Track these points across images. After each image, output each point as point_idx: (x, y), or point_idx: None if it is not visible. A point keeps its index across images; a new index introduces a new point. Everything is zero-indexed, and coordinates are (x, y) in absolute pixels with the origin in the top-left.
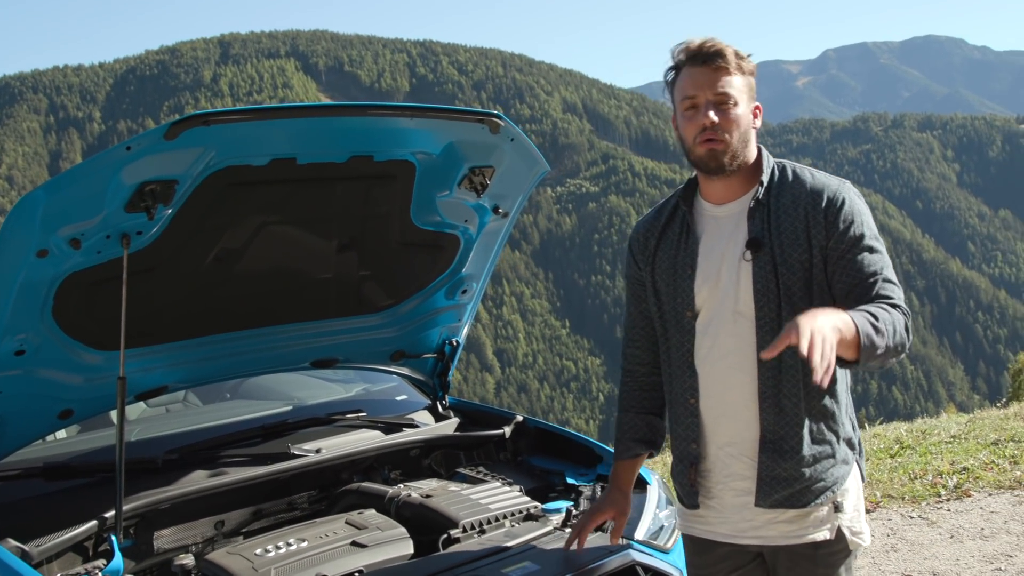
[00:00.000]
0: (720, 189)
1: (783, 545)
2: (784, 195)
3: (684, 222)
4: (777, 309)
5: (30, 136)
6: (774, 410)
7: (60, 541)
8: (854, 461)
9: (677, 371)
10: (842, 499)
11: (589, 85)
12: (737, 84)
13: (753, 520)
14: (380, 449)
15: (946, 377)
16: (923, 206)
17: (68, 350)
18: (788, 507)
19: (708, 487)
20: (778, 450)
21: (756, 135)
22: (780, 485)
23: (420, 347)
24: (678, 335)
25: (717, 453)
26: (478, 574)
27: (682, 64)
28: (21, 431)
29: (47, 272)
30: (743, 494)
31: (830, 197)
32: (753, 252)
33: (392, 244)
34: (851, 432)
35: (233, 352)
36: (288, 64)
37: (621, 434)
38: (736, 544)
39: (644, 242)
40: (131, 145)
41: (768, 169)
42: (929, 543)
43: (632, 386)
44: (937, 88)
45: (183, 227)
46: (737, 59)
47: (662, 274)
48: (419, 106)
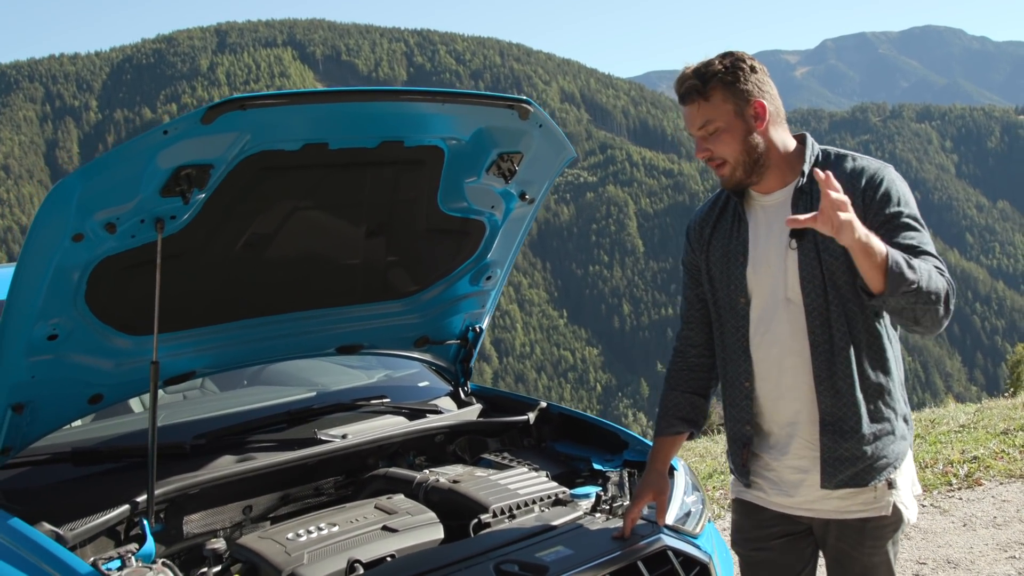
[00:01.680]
0: (766, 179)
1: (841, 519)
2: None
3: (736, 211)
4: (824, 295)
5: (26, 125)
6: (830, 392)
7: (94, 525)
8: (910, 437)
9: (732, 355)
10: (896, 475)
11: (587, 74)
12: (717, 107)
13: (809, 495)
14: (406, 435)
15: (943, 368)
16: (921, 197)
17: (100, 335)
18: (853, 486)
19: (766, 460)
20: (839, 431)
21: (779, 127)
22: (844, 465)
23: (444, 333)
24: (732, 320)
25: (774, 431)
26: (511, 558)
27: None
28: (52, 416)
29: (82, 256)
30: (799, 472)
31: (868, 178)
32: (798, 240)
33: (419, 230)
34: (906, 409)
35: (260, 337)
36: (285, 53)
37: (664, 411)
38: (789, 514)
39: (700, 230)
40: (168, 129)
41: (811, 157)
42: (942, 531)
43: (680, 365)
44: (936, 78)
45: (215, 212)
46: (710, 82)
47: (716, 261)
48: (450, 92)
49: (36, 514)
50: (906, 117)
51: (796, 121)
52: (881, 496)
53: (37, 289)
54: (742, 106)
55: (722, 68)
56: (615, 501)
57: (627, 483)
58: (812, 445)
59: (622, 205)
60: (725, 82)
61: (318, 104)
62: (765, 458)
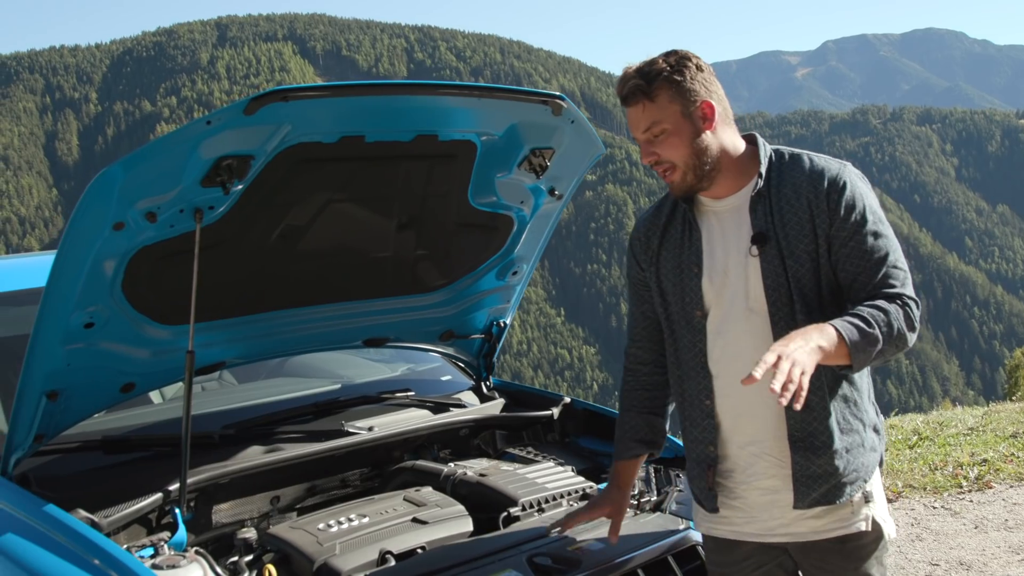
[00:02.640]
0: (717, 184)
1: (815, 541)
2: (784, 184)
3: (685, 219)
4: (790, 303)
5: (26, 116)
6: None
7: (127, 513)
8: (880, 448)
9: (689, 372)
10: (872, 488)
11: (587, 72)
12: (663, 108)
13: (782, 518)
14: (431, 428)
15: (941, 372)
16: (921, 200)
17: (135, 324)
18: (826, 503)
19: (730, 488)
20: (810, 447)
21: (728, 129)
22: (817, 483)
23: (469, 327)
24: (688, 335)
25: (739, 453)
26: (544, 551)
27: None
28: (85, 403)
29: (121, 245)
30: (769, 492)
31: (831, 180)
32: (759, 246)
33: (449, 224)
34: (875, 418)
35: (290, 329)
36: (285, 48)
37: (622, 434)
38: (763, 543)
39: (646, 242)
40: (211, 119)
41: (765, 158)
42: (954, 533)
43: (633, 385)
44: (937, 81)
45: (252, 203)
46: (655, 81)
47: (667, 274)
48: (486, 86)
49: (70, 501)
50: (907, 120)
51: (796, 122)
52: (858, 511)
53: (76, 277)
54: (689, 107)
55: (667, 67)
56: (642, 496)
57: (653, 478)
58: (782, 463)
59: (621, 204)
60: (671, 81)
61: (357, 97)
62: (730, 484)
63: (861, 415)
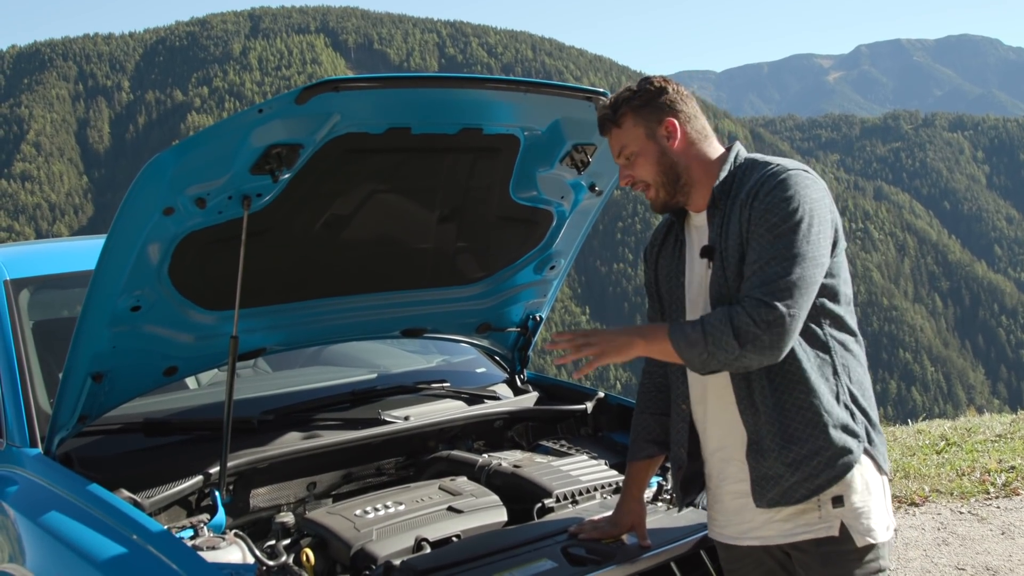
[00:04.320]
0: (697, 198)
1: (792, 543)
2: (741, 193)
3: (676, 232)
4: None
5: (59, 103)
6: (751, 411)
7: (169, 494)
8: (861, 451)
9: (674, 376)
10: (844, 492)
11: (619, 72)
12: (628, 132)
13: (752, 521)
14: (467, 419)
15: (966, 380)
16: (951, 207)
17: (180, 308)
18: (783, 504)
19: (710, 489)
20: (759, 450)
21: (703, 144)
22: (769, 484)
23: (505, 320)
24: None
25: (710, 458)
26: (580, 542)
27: None
28: (129, 385)
29: (170, 230)
30: (740, 496)
31: (759, 186)
32: (708, 259)
33: (490, 217)
34: (849, 420)
35: (331, 317)
36: (317, 40)
37: (636, 435)
38: (741, 546)
39: (651, 251)
40: (263, 108)
41: (726, 169)
42: (981, 538)
43: (648, 387)
44: (970, 88)
45: (298, 192)
46: (619, 108)
47: (663, 282)
48: (531, 81)
49: (112, 481)
50: (938, 126)
51: (827, 126)
52: (826, 516)
53: (125, 261)
54: (653, 127)
55: (628, 93)
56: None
57: None
58: (744, 467)
59: (648, 204)
60: (633, 106)
61: (406, 89)
62: (710, 484)
63: (821, 419)
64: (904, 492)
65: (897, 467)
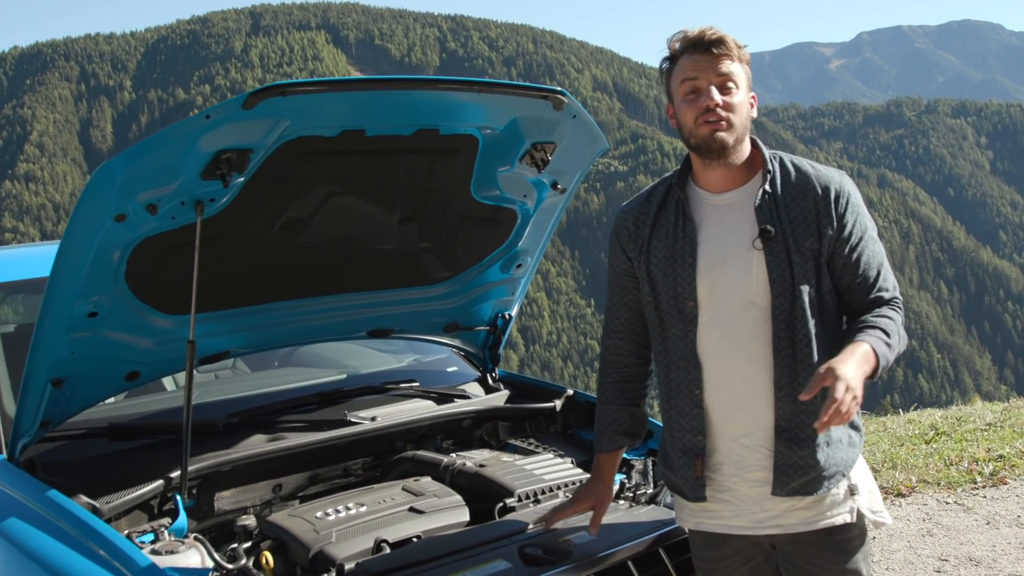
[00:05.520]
0: (719, 177)
1: (801, 533)
2: (790, 185)
3: (679, 210)
4: (791, 297)
5: (61, 103)
6: (789, 399)
7: (128, 499)
8: (859, 445)
9: (679, 362)
10: (856, 481)
11: (620, 63)
12: (738, 70)
13: (771, 510)
14: (434, 419)
15: (973, 367)
16: (955, 193)
17: (138, 313)
18: (803, 494)
19: (719, 481)
20: (794, 439)
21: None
22: (796, 473)
23: (473, 319)
24: (679, 325)
25: (731, 445)
26: (535, 542)
27: (680, 53)
28: (90, 391)
29: (123, 236)
30: (760, 484)
31: (838, 191)
32: (765, 241)
33: (452, 217)
34: (856, 417)
35: (294, 319)
36: (319, 36)
37: (604, 427)
38: (753, 536)
39: (635, 230)
40: (211, 114)
41: (771, 159)
42: (965, 529)
43: (614, 377)
44: (973, 74)
45: (253, 196)
46: (737, 47)
47: (658, 264)
48: (486, 81)
49: (73, 486)
50: (941, 112)
51: (829, 114)
52: (843, 503)
53: (79, 267)
54: (750, 88)
55: (745, 51)
56: (639, 489)
57: (651, 471)
58: (770, 455)
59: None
60: (746, 61)
61: (357, 92)
62: (719, 477)
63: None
64: (891, 483)
65: (885, 458)
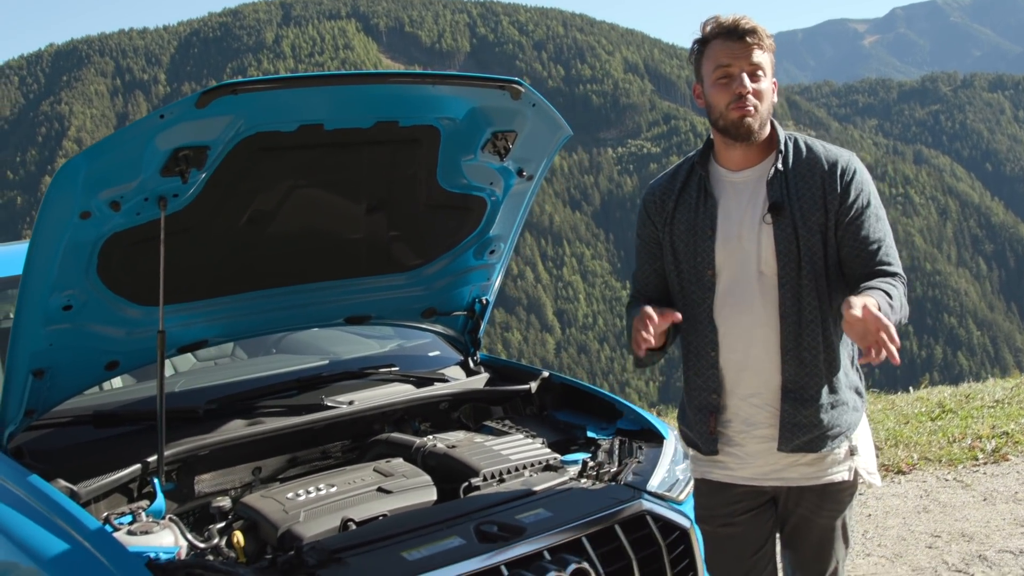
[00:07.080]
0: (739, 156)
1: (802, 487)
2: (800, 164)
3: (701, 186)
4: (797, 268)
5: (97, 99)
6: (795, 362)
7: (107, 483)
8: (862, 409)
9: (696, 325)
10: (856, 443)
11: (651, 45)
12: (766, 60)
13: (775, 464)
14: (410, 402)
15: (1014, 343)
16: (993, 168)
17: (112, 305)
18: (807, 451)
19: (729, 436)
20: (799, 399)
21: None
22: (800, 431)
23: (451, 305)
24: (699, 292)
25: (740, 404)
26: (493, 519)
27: (711, 37)
28: (71, 381)
29: (90, 233)
30: (766, 440)
31: (844, 167)
32: (774, 216)
33: (420, 206)
34: (859, 382)
35: (269, 308)
36: (349, 25)
37: (634, 312)
38: (756, 487)
39: (661, 204)
40: (164, 114)
41: (784, 139)
42: (961, 505)
43: (644, 302)
44: (1009, 47)
45: (217, 190)
46: (766, 36)
47: (680, 235)
48: (441, 74)
49: (54, 472)
50: (978, 87)
51: (863, 91)
52: (844, 461)
53: (50, 263)
54: (773, 75)
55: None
56: (602, 467)
57: (617, 451)
58: (775, 413)
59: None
60: (772, 50)
61: (311, 88)
62: (729, 432)
63: (849, 377)
64: (892, 460)
65: (889, 435)
